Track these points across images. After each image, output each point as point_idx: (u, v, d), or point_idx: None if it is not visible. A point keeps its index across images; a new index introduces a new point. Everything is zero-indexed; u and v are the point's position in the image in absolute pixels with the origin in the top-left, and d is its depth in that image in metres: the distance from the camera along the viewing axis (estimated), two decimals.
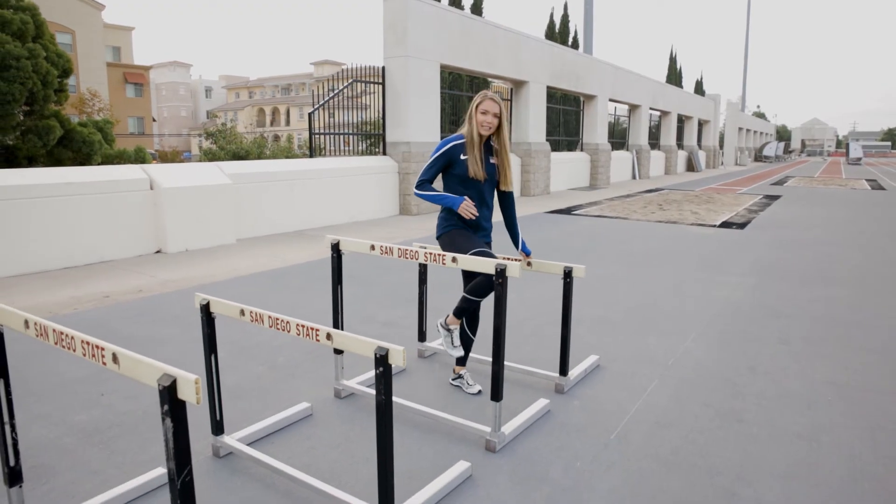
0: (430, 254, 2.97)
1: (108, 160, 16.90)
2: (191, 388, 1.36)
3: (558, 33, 25.85)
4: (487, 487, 2.41)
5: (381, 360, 1.92)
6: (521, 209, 12.28)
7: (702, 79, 41.08)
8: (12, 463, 2.01)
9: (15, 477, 2.02)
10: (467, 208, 3.05)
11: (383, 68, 10.94)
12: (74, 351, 1.66)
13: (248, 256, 7.17)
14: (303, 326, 2.13)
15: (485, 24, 13.00)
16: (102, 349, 1.57)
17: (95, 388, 3.34)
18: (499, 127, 3.12)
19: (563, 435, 2.85)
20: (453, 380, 3.41)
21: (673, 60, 37.33)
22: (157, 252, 7.35)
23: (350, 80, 10.40)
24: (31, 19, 13.51)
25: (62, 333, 1.69)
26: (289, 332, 2.17)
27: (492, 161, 3.19)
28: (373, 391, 3.08)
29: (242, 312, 2.36)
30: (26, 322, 1.83)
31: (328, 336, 2.07)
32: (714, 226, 10.22)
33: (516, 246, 3.34)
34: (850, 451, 2.72)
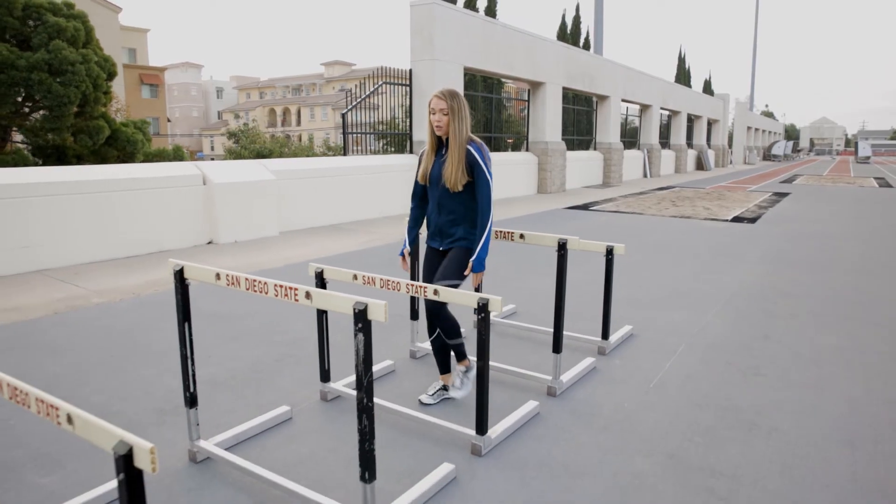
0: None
1: (149, 158, 17.68)
2: (380, 310, 1.92)
3: (570, 34, 26.35)
4: (555, 420, 2.96)
5: (483, 308, 2.47)
6: (539, 205, 12.82)
7: (710, 78, 41.49)
8: (192, 389, 2.57)
9: (193, 400, 2.59)
10: (401, 263, 3.41)
11: (410, 71, 11.51)
12: (267, 294, 2.22)
13: (294, 247, 7.74)
14: (412, 285, 2.68)
15: (504, 27, 13.55)
16: (295, 290, 2.13)
17: (202, 352, 3.91)
18: (449, 122, 2.98)
19: (609, 385, 3.40)
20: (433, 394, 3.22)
21: (682, 60, 37.74)
22: (209, 243, 7.94)
23: (381, 82, 10.97)
24: (82, 26, 14.31)
25: (255, 281, 2.25)
26: (399, 290, 2.72)
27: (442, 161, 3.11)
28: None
29: (355, 277, 2.92)
30: (217, 275, 2.39)
31: (435, 291, 2.63)
32: (726, 220, 10.74)
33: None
34: (850, 395, 3.26)
